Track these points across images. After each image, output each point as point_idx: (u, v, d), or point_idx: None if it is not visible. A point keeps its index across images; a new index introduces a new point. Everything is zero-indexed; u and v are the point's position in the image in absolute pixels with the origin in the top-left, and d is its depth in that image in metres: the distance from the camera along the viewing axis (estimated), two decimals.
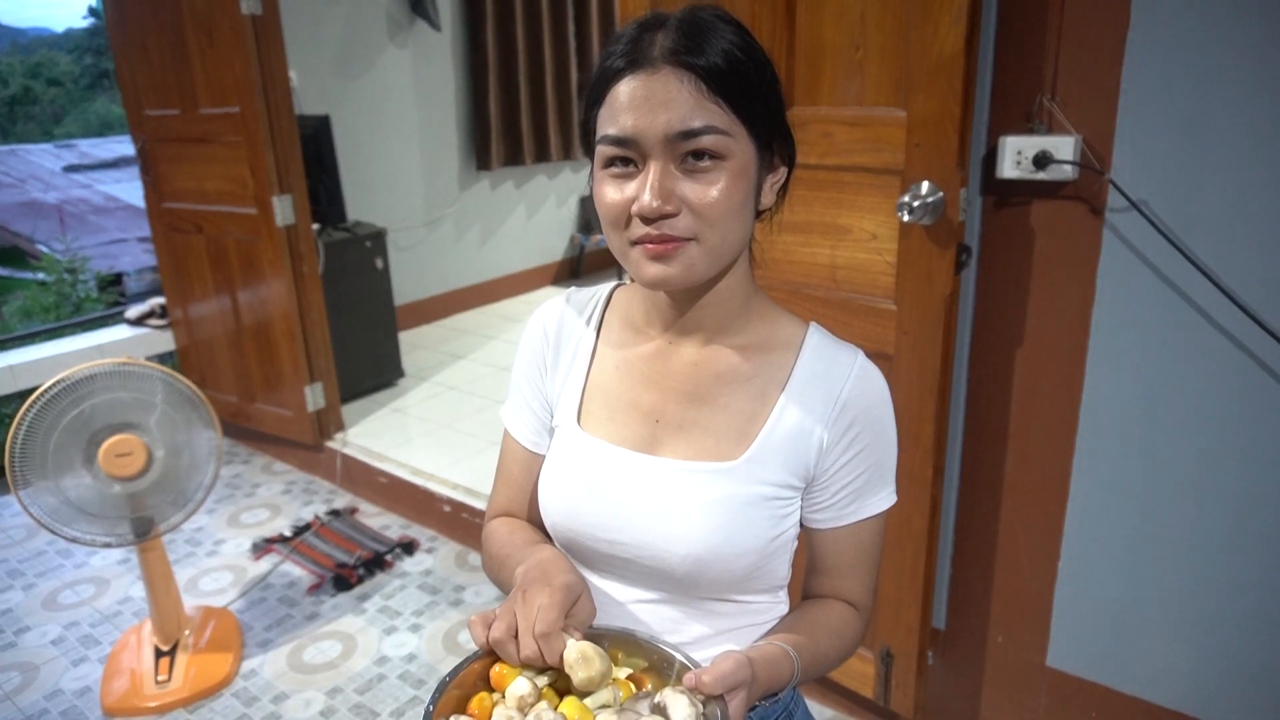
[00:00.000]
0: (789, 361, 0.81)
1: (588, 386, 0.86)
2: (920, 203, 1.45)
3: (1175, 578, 1.53)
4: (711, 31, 0.72)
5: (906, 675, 1.77)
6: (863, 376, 0.80)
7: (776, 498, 0.79)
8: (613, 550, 0.81)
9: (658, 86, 0.70)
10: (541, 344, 0.89)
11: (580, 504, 0.82)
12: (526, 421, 0.90)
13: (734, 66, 0.72)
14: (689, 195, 0.72)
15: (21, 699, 2.20)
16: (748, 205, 0.76)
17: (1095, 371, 1.52)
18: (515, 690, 0.68)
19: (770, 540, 0.78)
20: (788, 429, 0.79)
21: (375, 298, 3.61)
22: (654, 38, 0.72)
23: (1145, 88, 1.34)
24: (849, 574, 0.84)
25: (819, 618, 0.83)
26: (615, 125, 0.72)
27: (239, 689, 2.21)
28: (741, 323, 0.82)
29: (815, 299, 1.69)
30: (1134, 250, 1.41)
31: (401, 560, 2.75)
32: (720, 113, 0.71)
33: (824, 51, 1.58)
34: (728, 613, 0.82)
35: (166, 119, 3.15)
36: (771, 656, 0.74)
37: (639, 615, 0.83)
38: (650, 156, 0.72)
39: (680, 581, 0.79)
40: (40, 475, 2.02)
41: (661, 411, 0.82)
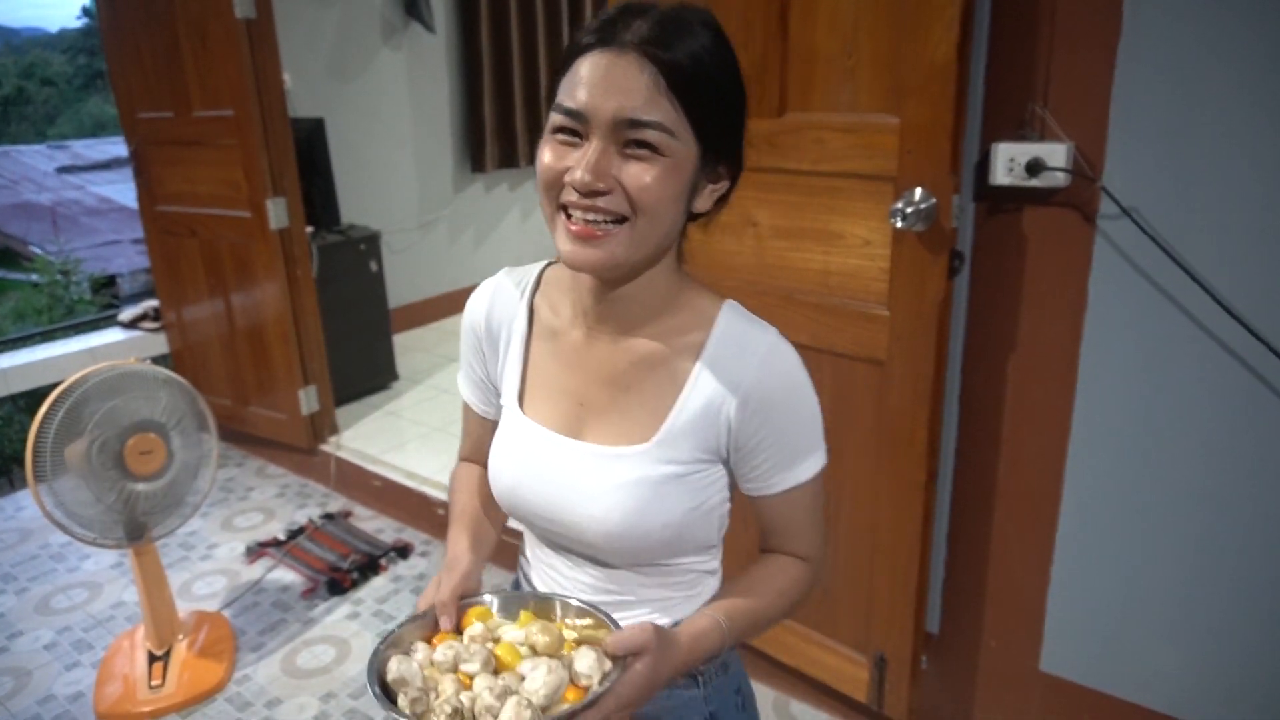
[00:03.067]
0: (700, 343, 0.83)
1: (526, 369, 0.90)
2: (913, 209, 1.46)
3: (1168, 582, 1.54)
4: (688, 31, 0.74)
5: (900, 680, 1.77)
6: (768, 360, 0.81)
7: (690, 474, 0.82)
8: (548, 525, 0.87)
9: (619, 70, 0.72)
10: (475, 334, 0.94)
11: (518, 484, 0.88)
12: (475, 392, 0.98)
13: (697, 70, 0.74)
14: (623, 178, 0.74)
15: (14, 704, 2.19)
16: (679, 202, 0.78)
17: (1087, 377, 1.52)
18: (471, 631, 0.79)
19: (687, 512, 0.82)
20: (695, 410, 0.81)
21: (369, 301, 3.60)
22: (630, 22, 0.73)
23: (1137, 95, 1.35)
24: (792, 534, 0.89)
25: (765, 577, 0.88)
26: (571, 98, 0.74)
27: (232, 694, 2.21)
28: (660, 313, 0.84)
29: (808, 304, 1.70)
30: (1125, 257, 1.42)
31: (395, 564, 2.75)
32: (670, 111, 0.73)
33: (817, 58, 1.58)
34: (658, 573, 0.87)
35: (160, 122, 3.14)
36: (699, 629, 0.81)
37: (578, 577, 0.89)
38: (595, 134, 0.74)
39: (603, 552, 0.85)
40: (59, 472, 2.03)
41: (585, 396, 0.86)
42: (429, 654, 0.77)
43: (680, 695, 0.90)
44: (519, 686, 0.71)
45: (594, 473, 0.83)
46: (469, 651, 0.75)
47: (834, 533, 1.80)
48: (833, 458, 1.76)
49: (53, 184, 10.22)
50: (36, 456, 1.98)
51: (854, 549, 1.78)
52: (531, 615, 0.82)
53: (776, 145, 1.66)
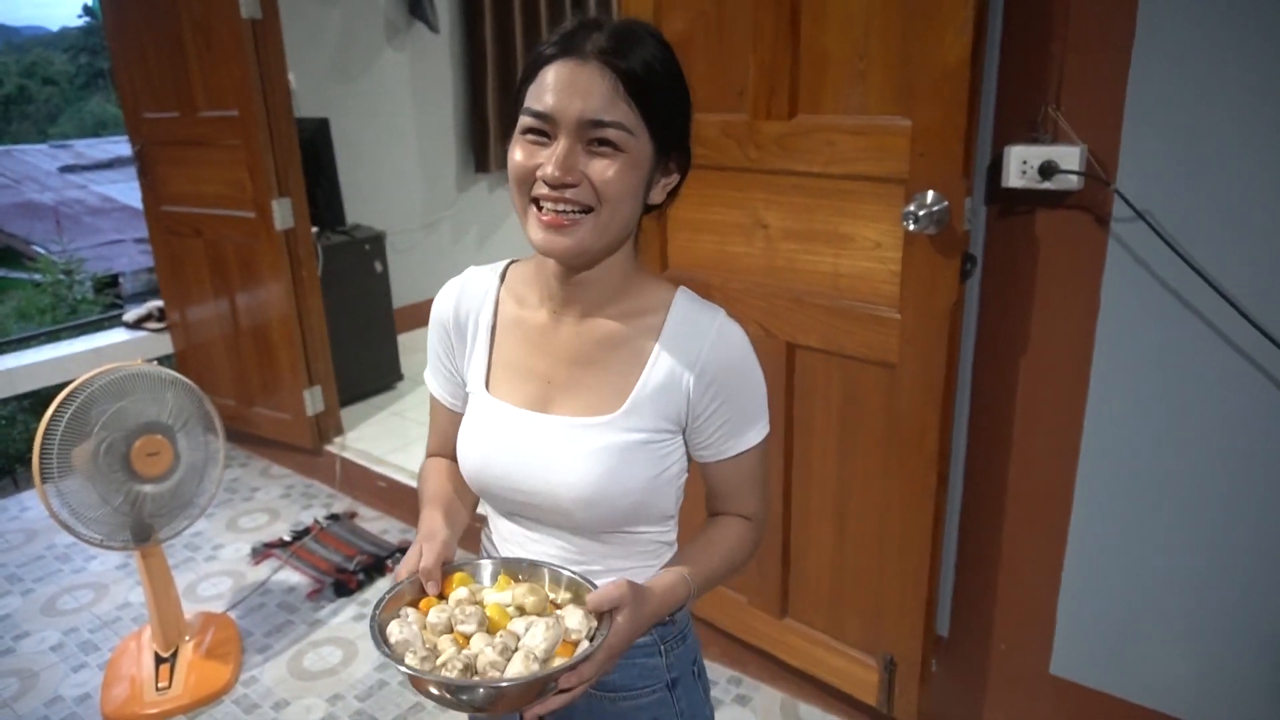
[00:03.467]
0: (658, 325, 0.91)
1: (493, 356, 0.97)
2: (925, 212, 1.45)
3: (1180, 586, 1.53)
4: (639, 42, 0.83)
5: (909, 682, 1.77)
6: (719, 338, 0.90)
7: (653, 441, 0.90)
8: (518, 497, 0.93)
9: (582, 77, 0.80)
10: (443, 329, 1.01)
11: (488, 459, 0.94)
12: (442, 385, 1.04)
13: (650, 76, 0.83)
14: (589, 171, 0.82)
15: (21, 705, 2.19)
16: (638, 194, 0.86)
17: (1100, 381, 1.52)
18: (456, 595, 0.84)
19: (652, 479, 0.90)
20: (658, 383, 0.89)
21: (374, 301, 3.60)
22: (589, 34, 0.82)
23: (1151, 98, 1.34)
24: (739, 496, 0.98)
25: (715, 538, 0.97)
26: (539, 102, 0.82)
27: (239, 696, 2.20)
28: (618, 296, 0.93)
29: (818, 307, 1.69)
30: (1139, 260, 1.42)
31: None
32: (629, 112, 0.82)
33: (828, 61, 1.58)
34: (622, 543, 0.94)
35: (164, 122, 3.14)
36: (668, 582, 0.90)
37: (546, 550, 0.96)
38: (562, 134, 0.82)
39: (576, 520, 0.91)
40: (66, 473, 2.02)
41: (553, 375, 0.93)
42: (421, 618, 0.81)
43: (644, 664, 0.97)
44: (519, 643, 0.77)
45: (565, 442, 0.90)
46: (464, 614, 0.80)
47: (843, 534, 1.80)
48: (842, 460, 1.77)
49: (55, 183, 10.22)
50: (44, 457, 1.98)
51: (863, 551, 1.78)
52: (509, 579, 0.87)
53: (787, 148, 1.65)
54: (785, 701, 2.09)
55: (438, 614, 0.81)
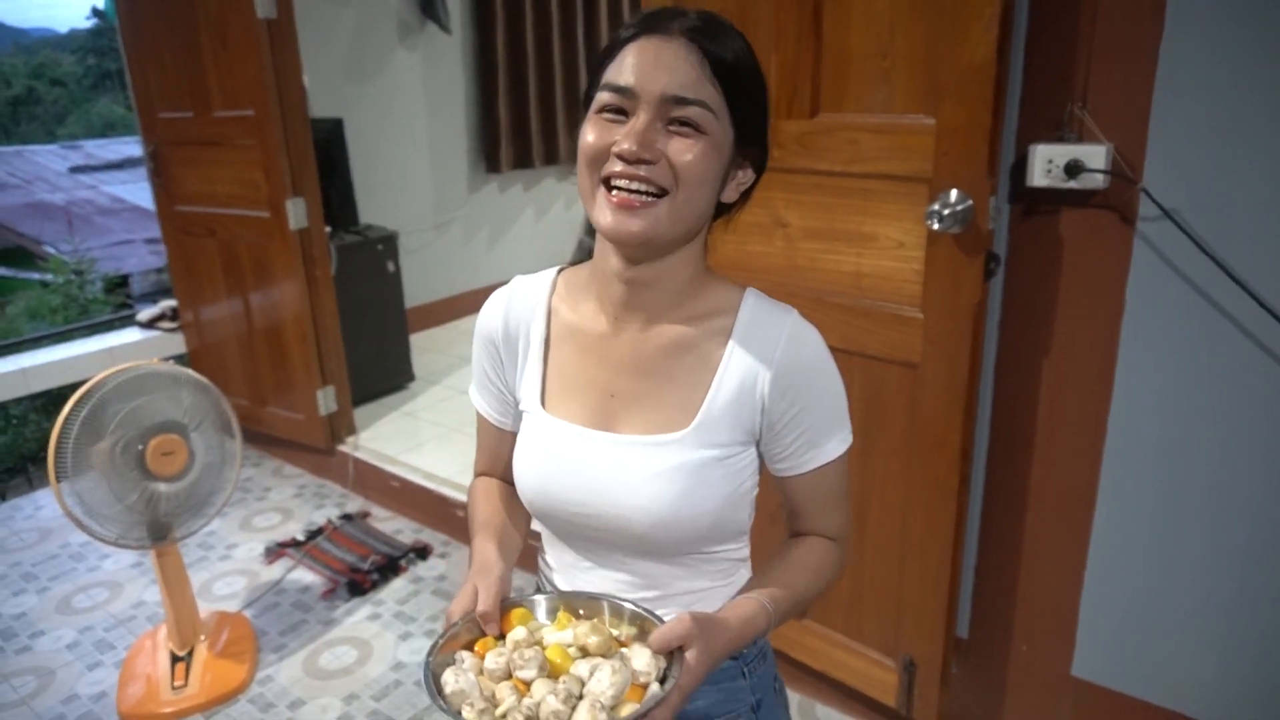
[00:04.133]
0: (726, 328, 0.85)
1: (547, 371, 0.91)
2: (949, 211, 1.45)
3: (1204, 588, 1.52)
4: (727, 31, 0.81)
5: (929, 684, 1.76)
6: (794, 339, 0.84)
7: (728, 457, 0.84)
8: (584, 521, 0.87)
9: (669, 52, 0.77)
10: (491, 343, 0.94)
11: (550, 482, 0.87)
12: (490, 402, 0.98)
13: (738, 62, 0.80)
14: (668, 151, 0.78)
15: (38, 703, 2.19)
16: (714, 183, 0.82)
17: (1125, 381, 1.51)
18: (514, 636, 0.78)
19: (728, 495, 0.84)
20: (730, 394, 0.84)
21: (386, 301, 3.60)
22: (675, 15, 0.79)
23: (1179, 96, 1.34)
24: (821, 513, 0.91)
25: (797, 560, 0.89)
26: (620, 76, 0.79)
27: (255, 695, 2.20)
28: (684, 300, 0.87)
29: (839, 307, 1.69)
30: (1166, 260, 1.41)
31: (415, 565, 2.74)
32: (715, 93, 0.78)
33: (850, 59, 1.57)
34: (693, 564, 0.89)
35: (179, 122, 3.14)
36: (746, 612, 0.81)
37: (611, 575, 0.90)
38: (642, 109, 0.78)
39: (649, 544, 0.85)
40: (81, 472, 2.03)
41: (615, 387, 0.87)
42: (477, 663, 0.76)
43: (729, 687, 0.92)
44: (584, 688, 0.71)
45: (633, 462, 0.84)
46: (523, 658, 0.74)
47: (863, 535, 1.79)
48: (863, 460, 1.76)
49: (65, 184, 10.26)
50: (59, 455, 1.98)
51: (884, 552, 1.77)
52: (569, 615, 0.81)
53: (808, 146, 1.65)
54: (803, 703, 2.08)
55: (495, 659, 0.75)
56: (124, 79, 3.34)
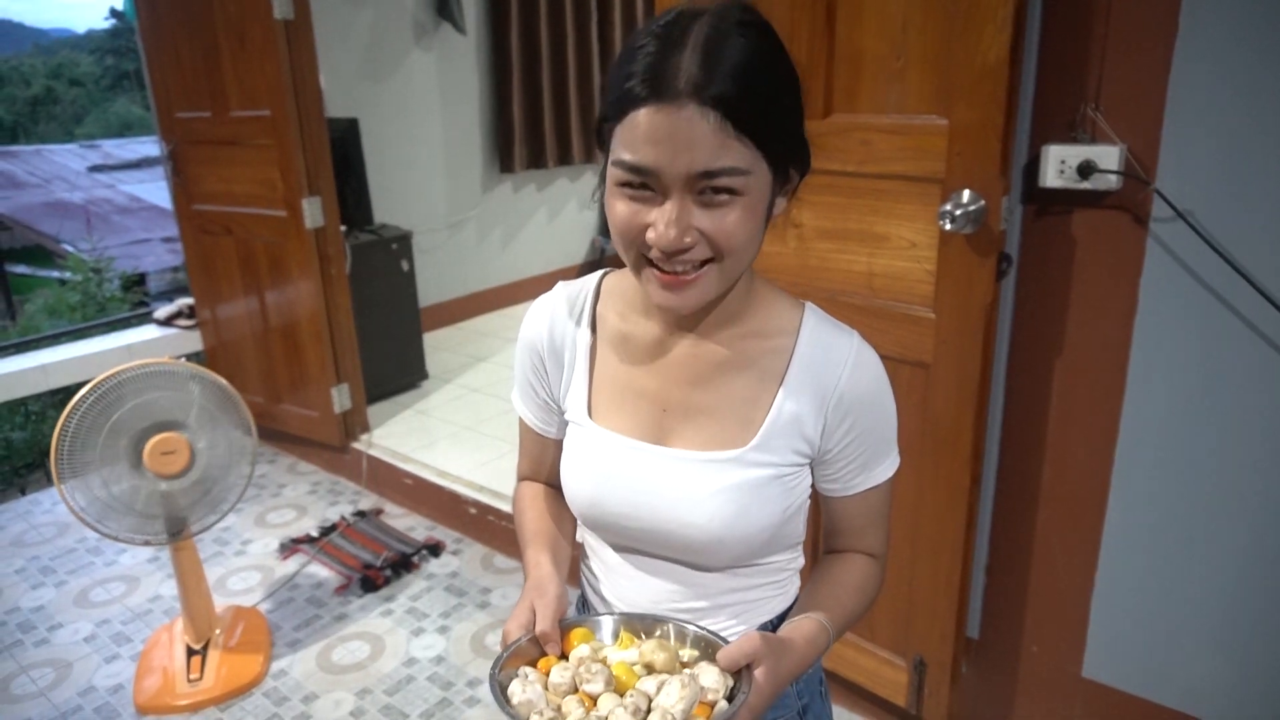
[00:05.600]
0: (787, 347, 0.83)
1: (594, 381, 0.88)
2: (962, 211, 1.45)
3: (1217, 589, 1.52)
4: (731, 46, 0.69)
5: (939, 684, 1.76)
6: (858, 364, 0.82)
7: (785, 475, 0.83)
8: (639, 535, 0.86)
9: (682, 125, 0.68)
10: (535, 353, 0.92)
11: (601, 495, 0.85)
12: (533, 409, 0.96)
13: (756, 93, 0.69)
14: (706, 226, 0.72)
15: (56, 695, 2.22)
16: (761, 229, 0.76)
17: (1137, 382, 1.51)
18: (578, 653, 0.77)
19: (784, 510, 0.83)
20: (790, 415, 0.82)
21: (401, 300, 3.63)
22: (678, 63, 0.68)
23: (1193, 97, 1.34)
24: (864, 533, 0.90)
25: (843, 578, 0.88)
26: (635, 154, 0.71)
27: (269, 689, 2.23)
28: (741, 314, 0.84)
29: (851, 306, 1.69)
30: (1179, 261, 1.41)
31: (427, 562, 2.76)
32: (742, 151, 0.70)
33: (864, 60, 1.58)
34: (748, 574, 0.88)
35: (197, 121, 3.17)
36: (809, 632, 0.80)
37: (664, 584, 0.88)
38: (670, 192, 0.71)
39: (704, 556, 0.84)
40: (82, 471, 2.05)
41: (667, 398, 0.84)
42: (542, 677, 0.75)
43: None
44: (651, 704, 0.70)
45: (690, 479, 0.82)
46: (590, 672, 0.73)
47: None
48: None
49: (84, 183, 10.38)
50: (60, 456, 2.00)
51: (894, 551, 1.77)
52: (631, 637, 0.80)
53: (821, 146, 1.65)
54: None
55: (560, 673, 0.74)
56: (142, 79, 3.38)
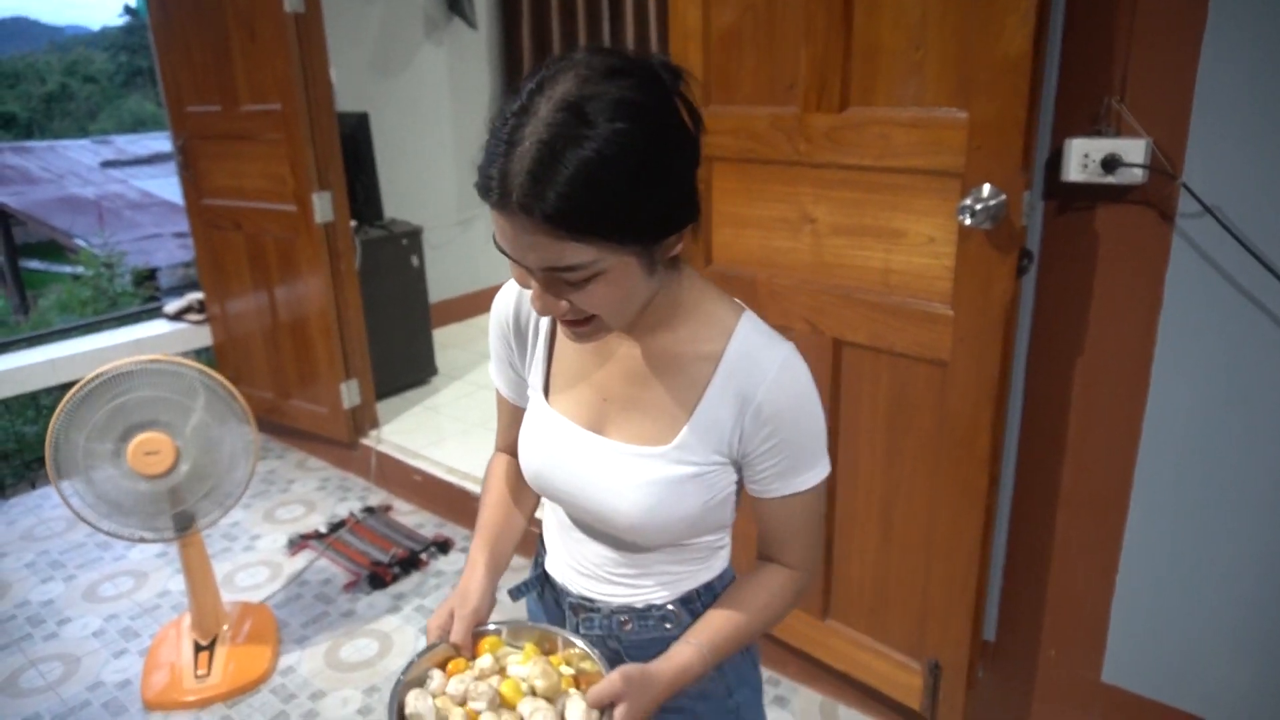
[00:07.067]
0: (716, 354, 0.86)
1: (552, 362, 0.95)
2: (981, 206, 1.42)
3: (1241, 594, 1.49)
4: (569, 156, 0.68)
5: (955, 688, 1.73)
6: (780, 376, 0.84)
7: (705, 473, 0.87)
8: (575, 507, 0.94)
9: (520, 231, 0.71)
10: (504, 329, 0.98)
11: (546, 472, 0.94)
12: (505, 381, 1.03)
13: (589, 201, 0.69)
14: (576, 302, 0.76)
15: (64, 689, 2.21)
16: (640, 284, 0.78)
17: (1161, 381, 1.47)
18: (481, 663, 0.88)
19: (703, 504, 0.88)
20: (710, 419, 0.86)
21: (410, 295, 3.61)
22: (513, 171, 0.69)
23: (1222, 89, 1.30)
24: (786, 542, 0.92)
25: (749, 596, 0.92)
26: (498, 238, 0.74)
27: (276, 685, 2.21)
28: (674, 317, 0.87)
29: (867, 304, 1.66)
30: (1205, 257, 1.37)
31: (436, 559, 2.75)
32: (581, 249, 0.71)
33: (881, 53, 1.55)
34: (673, 551, 0.94)
35: (207, 116, 3.16)
36: (679, 663, 0.87)
37: (601, 553, 0.96)
38: (533, 277, 0.76)
39: (629, 536, 0.91)
40: (78, 469, 2.03)
41: (609, 390, 0.90)
42: (444, 683, 0.87)
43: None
44: None
45: (617, 470, 0.88)
46: (477, 691, 0.84)
47: (889, 535, 1.77)
48: (889, 459, 1.74)
49: (96, 178, 10.42)
50: (53, 455, 1.98)
51: (909, 553, 1.75)
52: (535, 648, 0.91)
53: (837, 141, 1.63)
54: (825, 703, 2.06)
55: (457, 684, 0.85)
56: (155, 75, 3.37)
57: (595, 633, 0.97)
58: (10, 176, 10.19)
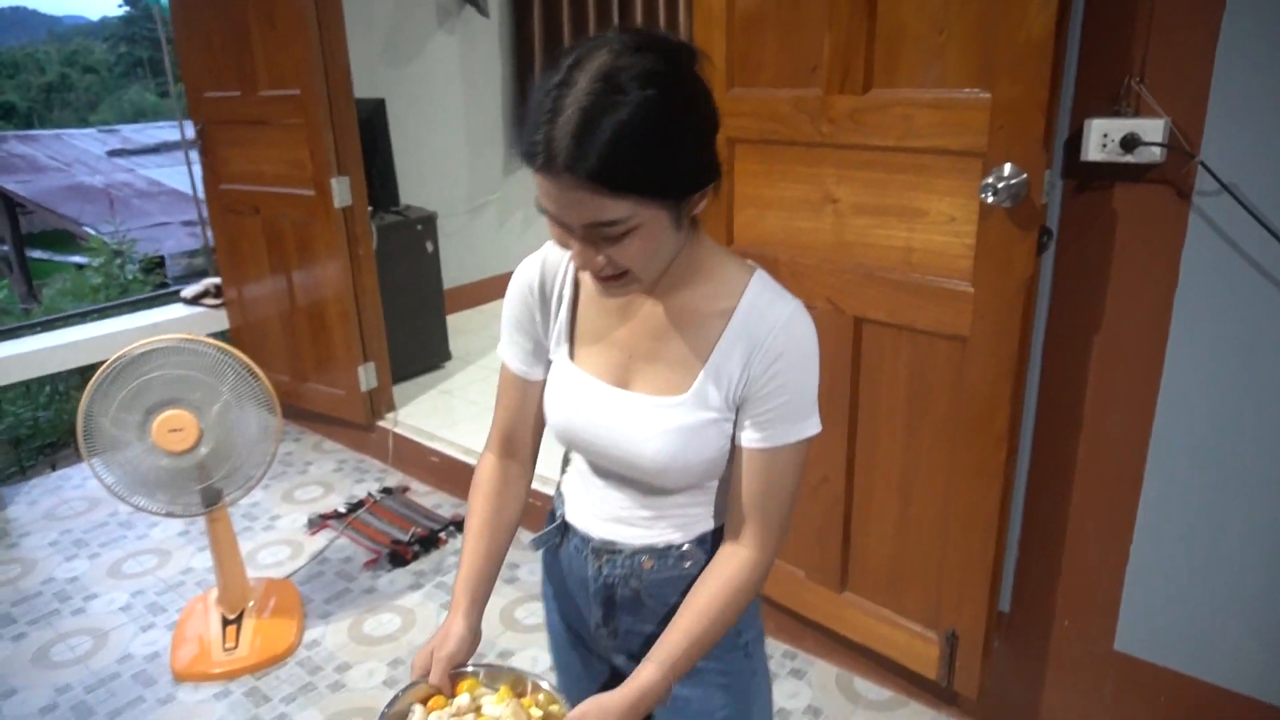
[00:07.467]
0: (730, 309, 0.93)
1: (576, 325, 1.02)
2: (1003, 185, 1.46)
3: (1252, 564, 1.53)
4: (609, 112, 0.76)
5: (971, 658, 1.78)
6: (786, 326, 0.91)
7: (722, 420, 0.94)
8: (600, 459, 1.01)
9: (564, 190, 0.79)
10: (527, 298, 1.04)
11: (574, 425, 1.00)
12: (517, 354, 1.07)
13: (631, 159, 0.77)
14: (613, 256, 0.84)
15: (94, 662, 2.26)
16: (669, 239, 0.86)
17: (1176, 358, 1.51)
18: (459, 701, 0.97)
19: (720, 449, 0.95)
20: (722, 369, 0.93)
21: (425, 281, 3.65)
22: (557, 136, 0.76)
23: (1241, 69, 1.34)
24: (759, 508, 0.95)
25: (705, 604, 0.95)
26: (542, 201, 0.83)
27: (303, 658, 2.26)
28: (693, 276, 0.95)
29: (888, 282, 1.70)
30: (1222, 234, 1.41)
31: (455, 538, 2.79)
32: (620, 204, 0.79)
33: (904, 35, 1.59)
34: (691, 493, 1.00)
35: (226, 101, 3.19)
36: (642, 684, 0.91)
37: (620, 499, 1.02)
38: (574, 235, 0.84)
39: (652, 480, 0.97)
40: (108, 445, 2.07)
41: (633, 348, 0.97)
42: (423, 717, 0.95)
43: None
44: None
45: (640, 419, 0.95)
46: None
47: (906, 509, 1.81)
48: (908, 434, 1.78)
49: (104, 167, 10.44)
50: (83, 432, 2.03)
51: (927, 526, 1.79)
52: (509, 690, 0.99)
53: (860, 123, 1.66)
54: (841, 675, 2.11)
55: (438, 717, 0.95)
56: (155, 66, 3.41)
57: (619, 572, 1.03)
58: (18, 165, 10.23)
